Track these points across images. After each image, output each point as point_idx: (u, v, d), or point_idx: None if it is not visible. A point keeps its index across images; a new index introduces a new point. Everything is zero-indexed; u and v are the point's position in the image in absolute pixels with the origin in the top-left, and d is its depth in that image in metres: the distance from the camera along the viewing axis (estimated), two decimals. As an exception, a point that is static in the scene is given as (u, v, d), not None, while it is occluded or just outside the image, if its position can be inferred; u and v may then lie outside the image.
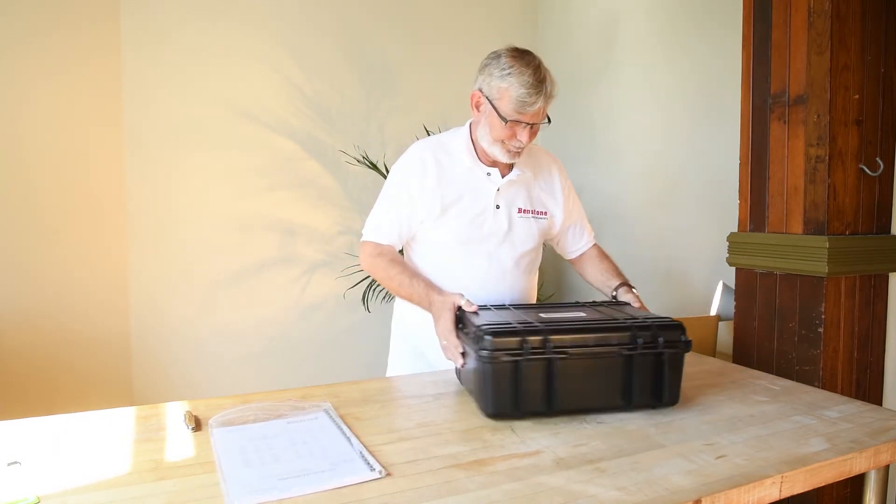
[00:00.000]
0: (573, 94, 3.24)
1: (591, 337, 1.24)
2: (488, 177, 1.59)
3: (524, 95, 1.43)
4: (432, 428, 1.20)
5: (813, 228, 1.69)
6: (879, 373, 1.77)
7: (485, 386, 1.21)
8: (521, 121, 1.46)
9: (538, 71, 1.44)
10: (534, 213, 1.65)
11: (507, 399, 1.21)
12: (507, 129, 1.48)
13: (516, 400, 1.21)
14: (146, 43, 2.75)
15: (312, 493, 0.91)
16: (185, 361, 2.89)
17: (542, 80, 1.44)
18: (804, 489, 1.02)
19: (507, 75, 1.44)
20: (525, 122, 1.47)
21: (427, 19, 3.28)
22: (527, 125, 1.47)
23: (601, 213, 3.06)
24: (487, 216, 1.59)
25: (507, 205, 1.61)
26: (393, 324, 1.80)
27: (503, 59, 1.46)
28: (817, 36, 1.65)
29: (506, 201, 1.61)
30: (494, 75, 1.46)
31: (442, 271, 1.61)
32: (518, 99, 1.43)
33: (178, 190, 2.85)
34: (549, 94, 1.46)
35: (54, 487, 0.93)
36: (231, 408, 1.27)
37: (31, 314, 2.56)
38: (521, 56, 1.46)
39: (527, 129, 1.48)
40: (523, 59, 1.45)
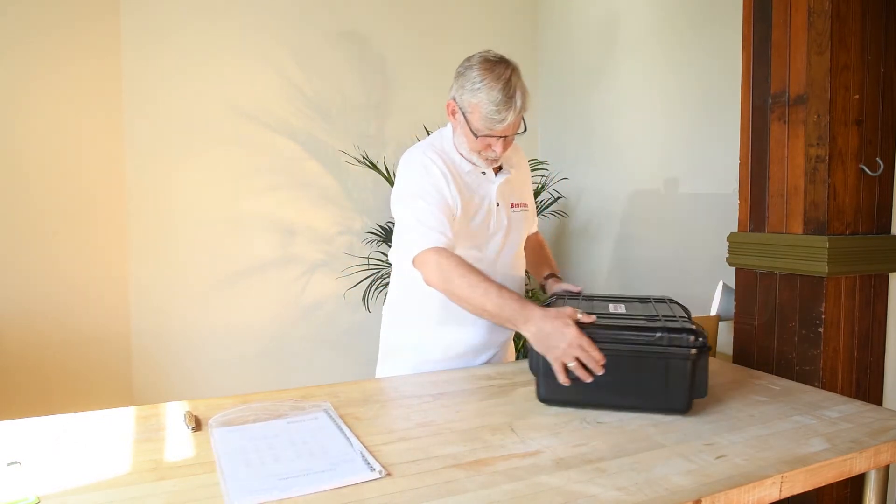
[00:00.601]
0: (573, 94, 3.24)
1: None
2: (484, 176, 1.62)
3: (493, 112, 1.42)
4: (432, 428, 1.20)
5: (813, 228, 1.69)
6: (879, 373, 1.77)
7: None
8: (492, 135, 1.47)
9: (508, 86, 1.42)
10: (521, 207, 1.69)
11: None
12: (481, 143, 1.50)
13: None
14: (146, 43, 2.75)
15: (312, 493, 0.91)
16: (185, 361, 2.89)
17: (511, 97, 1.42)
18: (804, 489, 1.02)
19: (478, 90, 1.43)
20: (497, 136, 1.48)
21: (427, 19, 3.28)
22: (500, 138, 1.49)
23: (601, 212, 3.06)
24: (493, 214, 1.61)
25: (503, 201, 1.64)
26: (383, 331, 1.78)
27: (474, 71, 1.45)
28: (817, 36, 1.64)
29: (503, 198, 1.64)
30: (466, 88, 1.45)
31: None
32: (488, 116, 1.43)
33: (178, 190, 2.85)
34: (519, 109, 1.45)
35: (54, 487, 0.93)
36: (231, 408, 1.27)
37: (31, 314, 2.56)
38: (492, 68, 1.44)
39: (500, 142, 1.49)
40: (493, 72, 1.43)
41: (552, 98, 3.45)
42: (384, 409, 1.34)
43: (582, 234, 3.21)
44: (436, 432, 1.18)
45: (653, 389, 1.24)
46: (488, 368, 1.63)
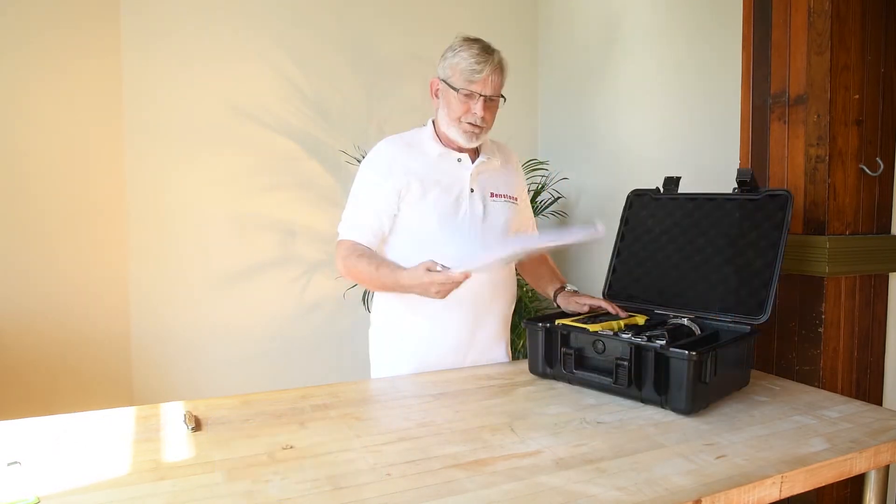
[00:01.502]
0: (573, 94, 3.24)
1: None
2: (459, 162, 1.62)
3: (472, 64, 1.51)
4: (432, 428, 1.20)
5: (813, 228, 1.69)
6: (879, 373, 1.77)
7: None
8: (473, 91, 1.52)
9: (487, 47, 1.54)
10: (506, 198, 1.68)
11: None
12: (462, 104, 1.54)
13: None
14: (146, 43, 2.74)
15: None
16: (185, 361, 2.89)
17: (488, 52, 1.53)
18: (804, 489, 1.02)
19: (457, 52, 1.54)
20: (478, 94, 1.53)
21: (427, 19, 3.28)
22: (480, 97, 1.53)
23: (601, 213, 3.06)
24: (463, 200, 1.61)
25: (480, 189, 1.64)
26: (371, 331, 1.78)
27: (455, 43, 1.57)
28: (817, 36, 1.65)
29: (479, 186, 1.64)
30: (447, 58, 1.57)
31: (422, 259, 1.61)
32: (467, 69, 1.51)
33: (178, 190, 2.85)
34: (497, 64, 1.54)
35: (54, 487, 0.93)
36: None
37: (31, 314, 2.56)
38: (471, 39, 1.56)
39: (480, 102, 1.53)
40: (472, 39, 1.56)
41: (552, 98, 3.45)
42: (384, 409, 1.34)
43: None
44: (436, 432, 1.18)
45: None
46: (488, 368, 1.63)
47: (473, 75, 1.51)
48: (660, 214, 1.71)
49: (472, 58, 1.51)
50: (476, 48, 1.53)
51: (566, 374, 1.44)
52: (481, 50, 1.53)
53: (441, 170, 1.61)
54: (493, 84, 1.53)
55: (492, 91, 1.54)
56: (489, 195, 1.64)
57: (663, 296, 1.60)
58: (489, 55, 1.53)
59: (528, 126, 3.54)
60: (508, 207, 1.68)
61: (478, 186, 1.63)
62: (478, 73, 1.51)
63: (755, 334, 1.43)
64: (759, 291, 1.44)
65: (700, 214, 1.63)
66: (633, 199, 1.78)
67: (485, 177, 1.65)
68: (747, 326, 1.43)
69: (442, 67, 1.58)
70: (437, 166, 1.61)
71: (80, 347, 2.66)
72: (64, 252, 2.62)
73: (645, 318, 1.56)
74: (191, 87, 2.83)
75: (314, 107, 3.07)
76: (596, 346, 1.39)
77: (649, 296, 1.63)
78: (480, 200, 1.63)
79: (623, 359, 1.32)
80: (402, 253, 1.62)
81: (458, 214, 1.60)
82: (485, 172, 1.65)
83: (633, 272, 1.69)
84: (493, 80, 1.53)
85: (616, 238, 1.77)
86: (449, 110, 1.57)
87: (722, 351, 1.30)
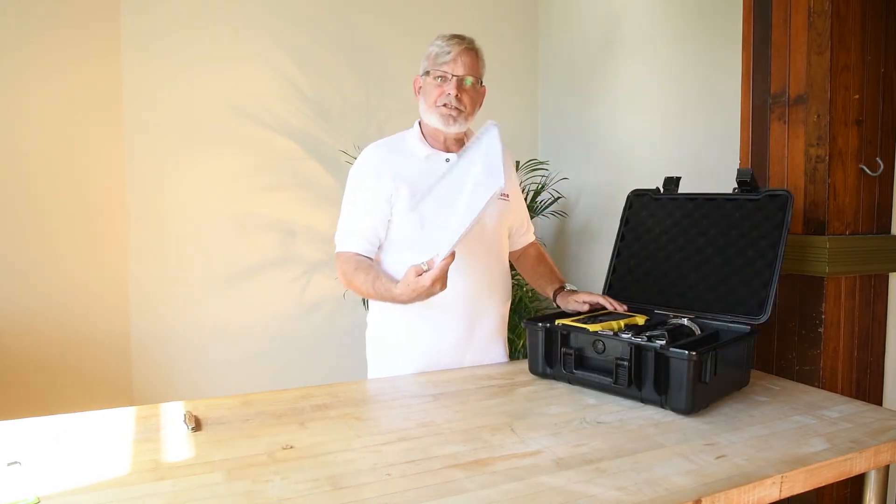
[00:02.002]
0: (573, 94, 3.24)
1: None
2: (448, 163, 1.61)
3: (441, 47, 1.56)
4: (432, 428, 1.20)
5: (813, 228, 1.69)
6: (879, 373, 1.77)
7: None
8: (444, 72, 1.55)
9: (460, 35, 1.59)
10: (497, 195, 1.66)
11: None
12: (437, 87, 1.57)
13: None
14: (146, 43, 2.74)
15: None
16: (185, 361, 2.89)
17: (460, 37, 1.57)
18: (804, 489, 1.02)
19: (432, 45, 1.60)
20: (449, 74, 1.55)
21: (427, 19, 3.28)
22: (452, 77, 1.55)
23: (601, 212, 3.06)
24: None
25: None
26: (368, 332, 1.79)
27: (434, 39, 1.61)
28: (817, 36, 1.65)
29: None
30: (426, 54, 1.61)
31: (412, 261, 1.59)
32: (437, 52, 1.56)
33: (178, 190, 2.85)
34: (467, 46, 1.57)
35: (54, 487, 0.93)
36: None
37: (31, 314, 2.56)
38: (449, 33, 1.60)
39: (453, 82, 1.55)
40: (450, 34, 1.60)
41: (552, 98, 3.45)
42: (384, 409, 1.34)
43: (582, 234, 3.21)
44: (436, 432, 1.18)
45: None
46: (488, 368, 1.63)
47: (443, 57, 1.55)
48: (660, 214, 1.71)
49: (444, 44, 1.56)
50: (448, 35, 1.58)
51: (566, 374, 1.44)
52: (452, 36, 1.58)
53: (430, 171, 1.60)
54: (463, 64, 1.55)
55: (463, 71, 1.55)
56: None
57: (663, 296, 1.60)
58: (460, 39, 1.57)
59: (528, 126, 3.54)
60: (500, 205, 1.67)
61: None
62: (447, 55, 1.55)
63: (755, 334, 1.43)
64: (759, 291, 1.44)
65: (700, 214, 1.63)
66: (633, 199, 1.78)
67: None
68: (747, 326, 1.43)
69: (422, 65, 1.62)
70: (426, 168, 1.61)
71: (80, 347, 2.66)
72: (64, 252, 2.62)
73: (645, 318, 1.56)
74: (191, 87, 2.83)
75: (314, 107, 3.07)
76: (596, 346, 1.39)
77: (649, 296, 1.63)
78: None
79: (623, 359, 1.32)
80: (399, 258, 1.63)
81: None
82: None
83: (633, 272, 1.69)
84: (463, 60, 1.55)
85: (616, 238, 1.77)
86: (426, 97, 1.60)
87: (722, 351, 1.30)
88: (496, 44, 3.50)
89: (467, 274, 1.60)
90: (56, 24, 2.55)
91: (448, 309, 1.60)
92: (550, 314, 1.61)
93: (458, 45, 1.55)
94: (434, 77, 1.57)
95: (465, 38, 1.59)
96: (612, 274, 1.73)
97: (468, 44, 1.58)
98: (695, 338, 1.42)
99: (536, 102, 3.55)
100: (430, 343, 1.63)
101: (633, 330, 1.44)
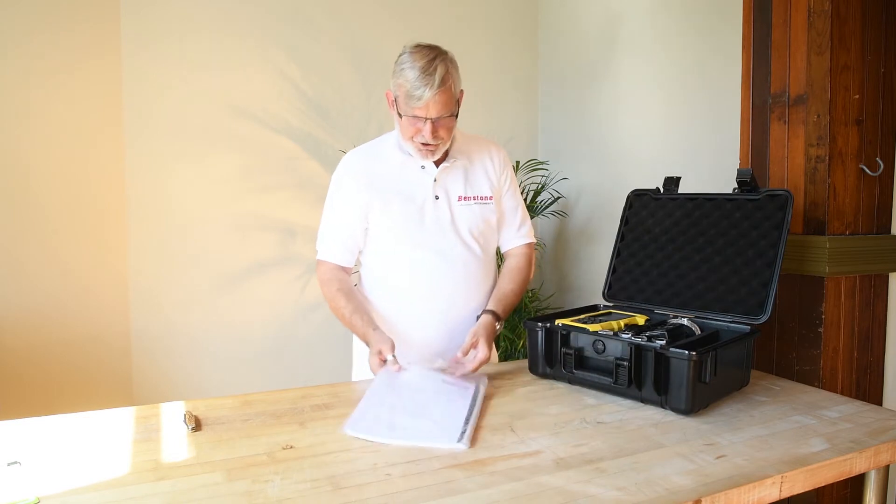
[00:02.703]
0: (573, 94, 3.24)
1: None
2: (423, 169, 1.57)
3: (412, 89, 1.41)
4: (432, 428, 1.20)
5: (813, 228, 1.69)
6: (879, 373, 1.77)
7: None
8: (416, 115, 1.44)
9: (429, 65, 1.41)
10: (476, 199, 1.61)
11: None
12: (411, 126, 1.47)
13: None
14: (146, 43, 2.74)
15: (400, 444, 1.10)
16: (185, 361, 2.89)
17: (431, 73, 1.40)
18: (804, 489, 1.02)
19: (401, 71, 1.44)
20: (421, 117, 1.44)
21: (427, 19, 3.28)
22: (426, 120, 1.44)
23: (601, 212, 3.06)
24: (427, 208, 1.56)
25: (445, 194, 1.58)
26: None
27: (403, 55, 1.47)
28: (817, 36, 1.65)
29: (444, 191, 1.58)
30: (395, 73, 1.47)
31: (394, 273, 1.60)
32: (408, 93, 1.42)
33: (178, 190, 2.85)
34: (438, 85, 1.41)
35: (54, 487, 0.93)
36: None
37: (31, 314, 2.56)
38: (419, 50, 1.45)
39: (428, 124, 1.44)
40: (420, 53, 1.44)
41: (552, 98, 3.45)
42: (384, 409, 1.34)
43: (582, 234, 3.21)
44: (436, 432, 1.18)
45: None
46: (489, 368, 1.63)
47: (414, 101, 1.42)
48: (660, 214, 1.71)
49: (411, 81, 1.41)
50: (417, 69, 1.41)
51: (566, 374, 1.44)
52: (423, 73, 1.40)
53: (404, 179, 1.57)
54: (436, 106, 1.43)
55: (436, 113, 1.44)
56: (456, 199, 1.59)
57: (663, 296, 1.60)
58: (430, 76, 1.40)
59: (528, 126, 3.54)
60: (480, 208, 1.62)
61: (443, 192, 1.58)
62: (417, 100, 1.41)
63: (755, 334, 1.43)
64: (759, 291, 1.44)
65: (700, 214, 1.63)
66: (633, 199, 1.78)
67: (451, 180, 1.59)
68: (747, 326, 1.43)
69: (392, 82, 1.49)
70: (400, 176, 1.57)
71: (80, 347, 2.66)
72: (64, 252, 2.62)
73: (645, 318, 1.56)
74: (191, 86, 2.83)
75: (314, 107, 3.06)
76: (596, 346, 1.39)
77: (649, 296, 1.63)
78: (447, 206, 1.58)
79: (623, 359, 1.32)
80: (374, 272, 1.62)
81: (424, 224, 1.56)
82: (451, 175, 1.59)
83: (633, 272, 1.69)
84: (436, 101, 1.42)
85: (616, 238, 1.77)
86: (401, 129, 1.52)
87: (722, 351, 1.30)
88: (496, 43, 3.50)
89: (444, 282, 1.58)
90: (56, 24, 2.55)
91: (425, 313, 1.58)
92: (550, 314, 1.61)
93: (431, 87, 1.40)
94: (406, 117, 1.47)
95: (437, 68, 1.42)
96: (612, 274, 1.73)
97: (440, 80, 1.41)
98: (695, 338, 1.42)
99: (536, 102, 3.55)
100: (409, 348, 1.56)
101: (633, 330, 1.44)
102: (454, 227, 1.58)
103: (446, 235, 1.57)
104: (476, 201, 1.62)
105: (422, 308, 1.59)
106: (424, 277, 1.57)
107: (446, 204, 1.58)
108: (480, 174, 1.64)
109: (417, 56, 1.43)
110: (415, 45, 1.47)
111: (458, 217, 1.59)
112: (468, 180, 1.61)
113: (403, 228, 1.56)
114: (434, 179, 1.57)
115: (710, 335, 1.45)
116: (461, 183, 1.60)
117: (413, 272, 1.58)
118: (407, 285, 1.59)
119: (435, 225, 1.57)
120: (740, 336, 1.40)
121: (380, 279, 1.63)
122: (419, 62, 1.42)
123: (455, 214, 1.58)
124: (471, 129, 1.79)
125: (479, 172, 1.64)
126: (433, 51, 1.45)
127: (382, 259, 1.62)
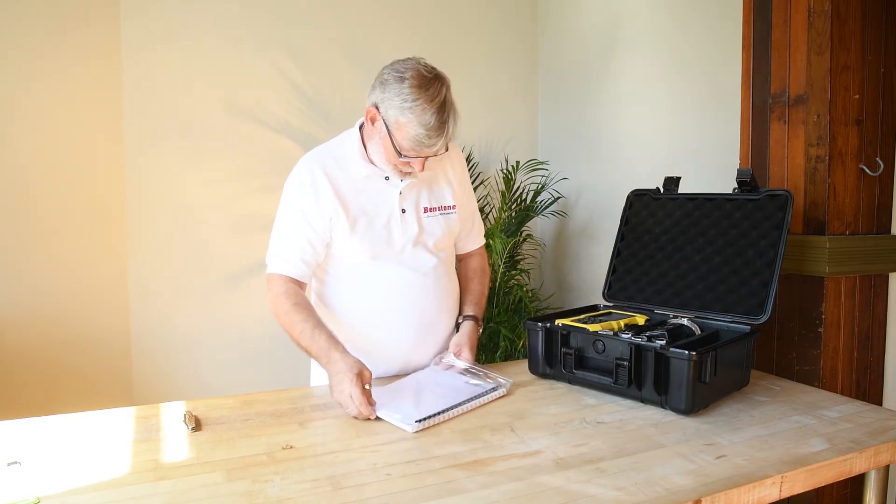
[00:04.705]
0: (573, 94, 3.24)
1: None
2: (387, 181, 1.50)
3: (423, 137, 1.35)
4: (432, 428, 1.20)
5: (813, 228, 1.69)
6: (879, 373, 1.77)
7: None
8: (419, 156, 1.40)
9: (442, 110, 1.35)
10: (441, 209, 1.57)
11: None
12: (402, 161, 1.41)
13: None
14: (146, 43, 2.74)
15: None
16: (185, 361, 2.89)
17: (444, 122, 1.35)
18: (804, 489, 1.02)
19: (408, 110, 1.34)
20: (423, 157, 1.41)
21: (427, 19, 3.28)
22: (424, 158, 1.42)
23: (601, 212, 3.06)
24: (395, 223, 1.50)
25: (412, 207, 1.52)
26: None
27: (406, 86, 1.35)
28: (817, 36, 1.65)
29: (410, 203, 1.52)
30: (395, 104, 1.36)
31: (360, 288, 1.52)
32: (416, 139, 1.35)
33: (178, 189, 2.85)
34: (450, 136, 1.38)
35: (54, 487, 0.93)
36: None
37: (31, 314, 2.56)
38: (426, 86, 1.35)
39: (421, 160, 1.41)
40: (428, 92, 1.34)
41: (552, 98, 3.45)
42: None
43: (582, 234, 3.21)
44: (436, 432, 1.18)
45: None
46: (488, 368, 1.63)
47: (423, 148, 1.37)
48: (660, 214, 1.71)
49: (424, 129, 1.34)
50: (430, 116, 1.33)
51: (566, 374, 1.44)
52: (437, 122, 1.34)
53: (368, 192, 1.49)
54: (441, 149, 1.40)
55: (439, 153, 1.42)
56: (422, 211, 1.53)
57: (663, 296, 1.60)
58: (443, 126, 1.35)
59: (528, 126, 3.54)
60: (446, 219, 1.57)
61: (409, 205, 1.52)
62: (427, 147, 1.37)
63: (755, 334, 1.43)
64: (759, 291, 1.44)
65: (700, 214, 1.63)
66: (633, 199, 1.78)
67: (415, 191, 1.53)
68: (747, 326, 1.43)
69: (385, 107, 1.39)
70: (364, 188, 1.49)
71: (80, 347, 2.66)
72: (64, 252, 2.62)
73: (645, 318, 1.56)
74: (191, 86, 2.82)
75: (314, 107, 3.06)
76: (596, 346, 1.39)
77: (649, 296, 1.63)
78: (414, 219, 1.52)
79: (623, 359, 1.32)
80: (340, 288, 1.55)
81: (392, 239, 1.50)
82: (416, 186, 1.53)
83: (633, 272, 1.69)
84: (442, 145, 1.38)
85: (616, 238, 1.77)
86: (385, 153, 1.43)
87: (722, 351, 1.30)
88: (496, 44, 3.50)
89: (414, 296, 1.53)
90: (56, 24, 2.55)
91: (401, 327, 1.53)
92: (550, 314, 1.61)
93: (443, 138, 1.36)
94: (405, 156, 1.40)
95: (448, 114, 1.36)
96: (612, 274, 1.73)
97: (451, 132, 1.37)
98: (695, 338, 1.42)
99: (536, 102, 3.55)
100: (384, 360, 1.54)
101: (633, 330, 1.44)
102: (422, 239, 1.53)
103: (416, 249, 1.52)
104: (441, 212, 1.57)
105: (397, 323, 1.53)
106: (397, 292, 1.52)
107: (413, 217, 1.52)
108: (442, 182, 1.59)
109: (426, 96, 1.34)
110: (418, 75, 1.36)
111: (425, 229, 1.54)
112: (431, 190, 1.56)
113: (375, 243, 1.48)
114: (399, 192, 1.50)
115: (710, 335, 1.45)
116: (426, 194, 1.55)
117: (387, 288, 1.52)
118: (381, 302, 1.52)
119: (403, 238, 1.50)
120: (740, 336, 1.40)
121: (348, 295, 1.55)
122: (431, 106, 1.34)
123: (423, 227, 1.53)
124: (471, 129, 1.78)
125: (440, 180, 1.59)
126: (441, 85, 1.37)
127: (351, 275, 1.54)
